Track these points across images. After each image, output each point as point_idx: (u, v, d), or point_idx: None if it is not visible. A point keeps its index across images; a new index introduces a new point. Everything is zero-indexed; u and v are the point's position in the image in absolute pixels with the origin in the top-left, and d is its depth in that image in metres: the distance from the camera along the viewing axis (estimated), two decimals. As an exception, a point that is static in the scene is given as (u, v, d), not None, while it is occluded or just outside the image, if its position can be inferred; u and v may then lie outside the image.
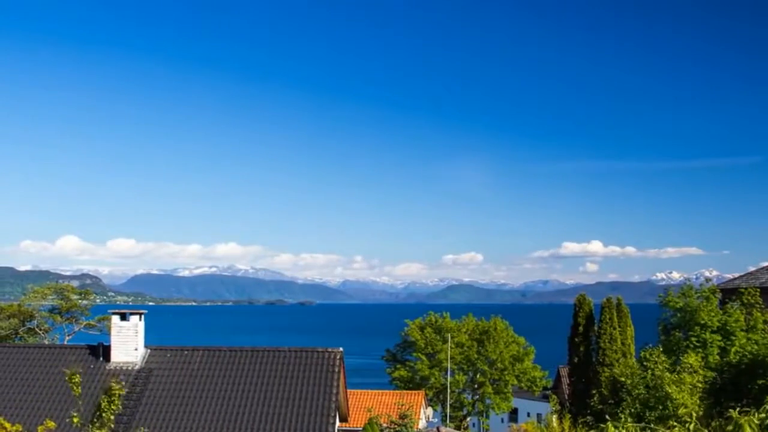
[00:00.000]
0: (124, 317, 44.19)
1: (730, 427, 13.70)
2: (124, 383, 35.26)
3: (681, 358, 44.64)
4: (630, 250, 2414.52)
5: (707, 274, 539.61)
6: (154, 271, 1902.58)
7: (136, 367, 43.19)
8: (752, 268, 63.53)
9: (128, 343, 43.69)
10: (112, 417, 26.58)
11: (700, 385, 41.38)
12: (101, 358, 43.80)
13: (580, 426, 47.35)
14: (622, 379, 46.61)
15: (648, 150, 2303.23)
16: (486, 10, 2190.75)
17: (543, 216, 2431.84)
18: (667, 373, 41.23)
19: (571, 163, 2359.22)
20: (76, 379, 25.84)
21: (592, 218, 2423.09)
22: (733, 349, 48.94)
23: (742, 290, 54.39)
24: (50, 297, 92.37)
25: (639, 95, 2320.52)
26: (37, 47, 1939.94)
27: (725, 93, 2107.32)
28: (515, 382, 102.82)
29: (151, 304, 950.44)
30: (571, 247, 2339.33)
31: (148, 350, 44.26)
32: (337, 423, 42.82)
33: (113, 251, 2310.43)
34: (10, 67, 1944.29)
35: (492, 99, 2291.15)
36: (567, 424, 47.70)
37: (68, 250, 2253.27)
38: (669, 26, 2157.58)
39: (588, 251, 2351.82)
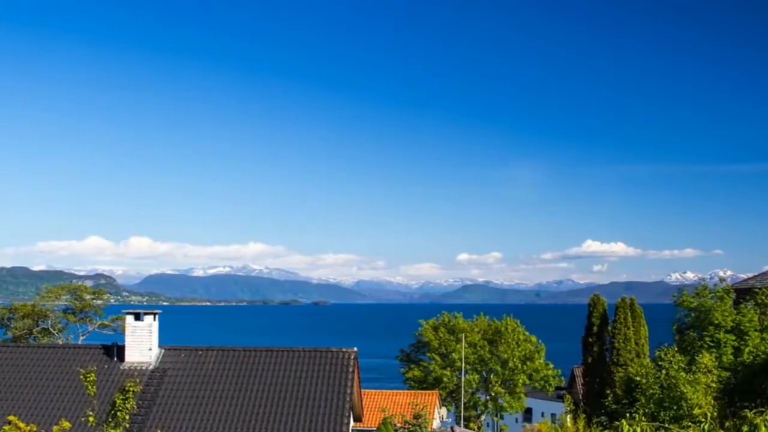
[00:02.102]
0: (138, 317, 44.30)
1: (745, 427, 13.67)
2: (138, 383, 35.33)
3: (696, 357, 44.59)
4: (644, 250, 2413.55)
5: (721, 274, 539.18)
6: (168, 271, 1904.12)
7: (150, 367, 43.29)
8: (767, 268, 63.43)
9: (142, 343, 43.79)
10: (127, 417, 26.64)
11: (714, 385, 41.30)
12: (115, 358, 43.91)
13: (595, 426, 47.24)
14: (637, 378, 46.51)
15: (664, 154, 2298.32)
16: (533, 17, 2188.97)
17: (557, 217, 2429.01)
18: (682, 373, 41.15)
19: (587, 167, 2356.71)
20: (92, 378, 25.94)
21: (606, 219, 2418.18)
22: (746, 349, 48.88)
23: (756, 290, 54.29)
24: (64, 297, 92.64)
25: (656, 98, 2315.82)
26: (48, 43, 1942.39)
27: (748, 98, 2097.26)
28: (527, 381, 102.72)
29: (165, 304, 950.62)
30: (584, 248, 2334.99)
31: (163, 350, 44.35)
32: (352, 423, 42.89)
33: (127, 251, 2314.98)
34: (29, 66, 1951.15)
35: (510, 100, 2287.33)
36: (581, 424, 47.62)
37: (83, 250, 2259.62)
38: (704, 30, 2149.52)
39: (602, 251, 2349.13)
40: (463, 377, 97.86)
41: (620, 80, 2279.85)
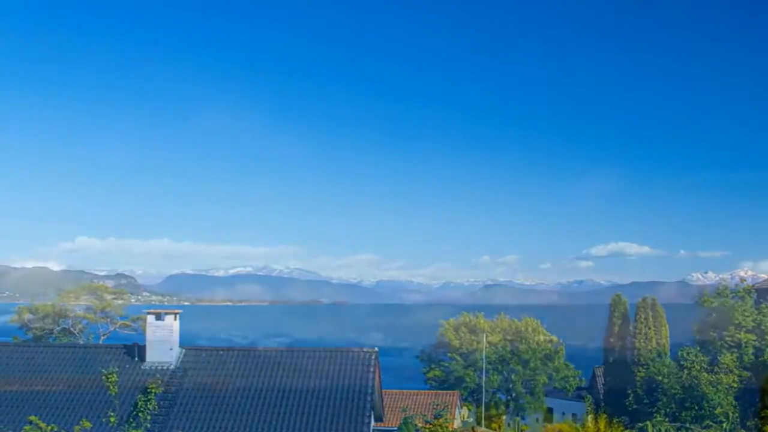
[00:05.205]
0: (159, 317, 44.40)
1: (766, 427, 13.66)
2: (160, 383, 35.36)
3: (717, 357, 44.55)
4: (665, 250, 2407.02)
5: (742, 274, 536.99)
6: (189, 271, 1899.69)
7: (171, 367, 43.36)
8: (788, 268, 63.14)
9: (163, 343, 43.90)
10: (149, 417, 26.72)
11: (735, 385, 41.25)
12: (136, 358, 44.01)
13: (615, 425, 47.22)
14: (659, 378, 46.47)
15: (684, 159, 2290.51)
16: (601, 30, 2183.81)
17: (578, 217, 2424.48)
18: (704, 373, 41.11)
19: (606, 169, 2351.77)
20: (113, 379, 26.05)
21: (627, 219, 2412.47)
22: (768, 350, 48.74)
23: (778, 290, 54.14)
24: (85, 297, 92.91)
25: (676, 105, 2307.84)
26: (75, 40, 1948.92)
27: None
28: (546, 381, 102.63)
29: (186, 304, 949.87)
30: (606, 248, 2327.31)
31: (183, 350, 44.46)
32: (373, 423, 42.91)
33: (149, 251, 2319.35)
34: (46, 66, 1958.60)
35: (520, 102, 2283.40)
36: (602, 423, 47.60)
37: (104, 250, 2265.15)
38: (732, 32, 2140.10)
39: (623, 252, 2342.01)
40: (484, 377, 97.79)
41: (644, 86, 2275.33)
